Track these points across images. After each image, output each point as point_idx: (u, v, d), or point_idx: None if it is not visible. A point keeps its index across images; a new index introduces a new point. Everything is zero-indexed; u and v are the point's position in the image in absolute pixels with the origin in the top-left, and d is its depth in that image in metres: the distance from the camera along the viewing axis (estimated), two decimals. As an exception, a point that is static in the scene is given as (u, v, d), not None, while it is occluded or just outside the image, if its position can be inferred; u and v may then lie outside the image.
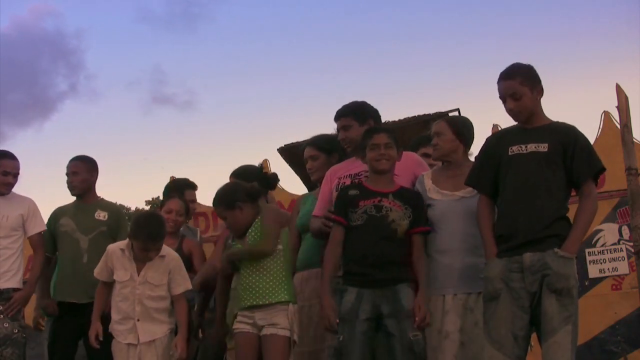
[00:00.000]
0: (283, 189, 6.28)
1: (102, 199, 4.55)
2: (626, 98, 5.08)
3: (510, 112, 3.05)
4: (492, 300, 2.92)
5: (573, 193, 3.07)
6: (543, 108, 3.11)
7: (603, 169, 3.02)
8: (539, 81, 3.07)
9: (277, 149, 6.57)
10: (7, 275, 4.02)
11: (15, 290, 4.04)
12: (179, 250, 4.17)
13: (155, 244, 3.53)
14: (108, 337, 3.59)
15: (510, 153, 3.01)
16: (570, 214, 2.98)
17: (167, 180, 5.34)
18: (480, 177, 3.13)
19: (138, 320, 3.48)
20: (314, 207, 3.80)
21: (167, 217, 4.19)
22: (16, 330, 3.96)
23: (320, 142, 4.01)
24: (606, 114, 6.61)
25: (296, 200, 4.22)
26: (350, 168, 3.65)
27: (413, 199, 3.25)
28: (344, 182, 3.56)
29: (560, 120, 3.13)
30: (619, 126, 5.33)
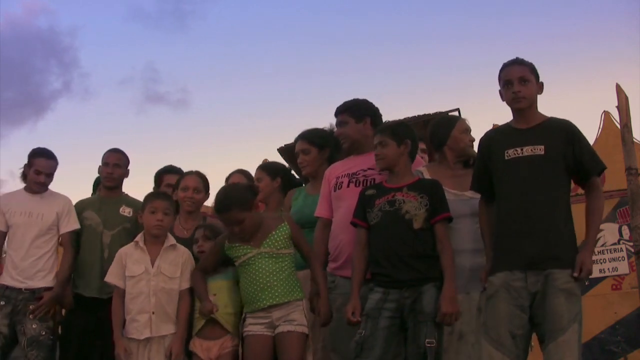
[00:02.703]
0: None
1: (127, 194, 4.50)
2: (626, 98, 5.08)
3: (515, 95, 3.00)
4: (489, 299, 2.92)
5: (575, 192, 3.08)
6: (543, 107, 3.11)
7: (604, 168, 3.04)
8: (539, 78, 3.09)
9: (277, 149, 6.57)
10: (40, 275, 3.98)
11: (47, 289, 3.98)
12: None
13: (162, 202, 3.51)
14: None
15: (506, 157, 2.99)
16: (573, 214, 2.97)
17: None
18: (477, 181, 3.15)
19: (153, 313, 3.40)
20: (305, 203, 3.82)
21: (184, 196, 4.03)
22: (44, 333, 3.87)
23: (313, 137, 4.00)
24: (606, 114, 6.62)
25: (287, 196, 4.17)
26: (348, 167, 3.64)
27: (429, 187, 3.19)
28: (342, 182, 3.56)
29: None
30: (619, 126, 5.33)
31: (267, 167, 4.37)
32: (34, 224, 4.04)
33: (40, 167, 4.11)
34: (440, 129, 3.53)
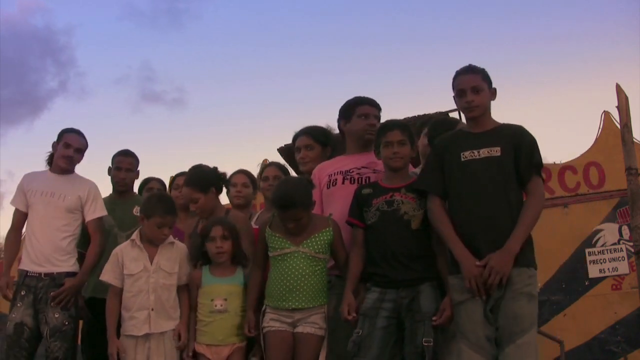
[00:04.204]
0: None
1: (138, 194, 4.45)
2: (626, 98, 5.07)
3: (468, 104, 3.02)
4: (462, 303, 2.88)
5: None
6: (542, 107, 3.13)
7: (541, 164, 2.98)
8: (492, 83, 3.09)
9: (277, 149, 6.57)
10: (62, 259, 3.85)
11: (68, 275, 3.82)
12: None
13: (172, 218, 3.49)
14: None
15: (463, 159, 2.99)
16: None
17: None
18: (432, 179, 3.08)
19: (152, 309, 3.37)
20: None
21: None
22: (66, 322, 3.75)
23: (317, 134, 3.97)
24: (606, 114, 6.62)
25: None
26: (339, 165, 3.62)
27: None
28: (336, 179, 3.55)
29: (559, 121, 3.13)
30: (619, 126, 5.32)
31: (281, 167, 4.40)
32: (54, 205, 3.89)
33: (69, 140, 3.99)
34: (436, 131, 3.56)
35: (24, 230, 4.06)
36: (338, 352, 3.21)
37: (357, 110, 3.64)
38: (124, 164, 4.30)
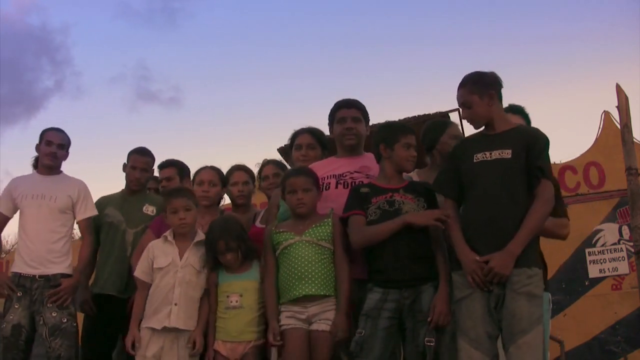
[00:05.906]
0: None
1: (150, 192, 4.44)
2: (626, 98, 5.06)
3: (465, 120, 3.10)
4: (463, 300, 2.88)
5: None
6: (542, 107, 3.13)
7: (545, 168, 2.95)
8: (492, 87, 3.05)
9: (277, 149, 6.58)
10: (56, 261, 3.83)
11: (64, 276, 3.82)
12: None
13: (181, 201, 3.47)
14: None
15: (475, 160, 3.00)
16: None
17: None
18: (448, 183, 3.11)
19: (175, 304, 3.35)
20: None
21: (199, 190, 3.91)
22: (65, 320, 3.74)
23: (320, 135, 3.98)
24: (606, 114, 6.63)
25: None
26: (332, 168, 3.61)
27: (424, 190, 3.20)
28: (328, 183, 3.54)
29: (559, 121, 3.14)
30: (619, 126, 5.32)
31: (279, 163, 4.39)
32: (46, 207, 3.90)
33: (50, 137, 4.01)
34: (430, 133, 3.61)
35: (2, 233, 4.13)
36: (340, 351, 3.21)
37: (336, 115, 3.66)
38: (140, 164, 4.26)
